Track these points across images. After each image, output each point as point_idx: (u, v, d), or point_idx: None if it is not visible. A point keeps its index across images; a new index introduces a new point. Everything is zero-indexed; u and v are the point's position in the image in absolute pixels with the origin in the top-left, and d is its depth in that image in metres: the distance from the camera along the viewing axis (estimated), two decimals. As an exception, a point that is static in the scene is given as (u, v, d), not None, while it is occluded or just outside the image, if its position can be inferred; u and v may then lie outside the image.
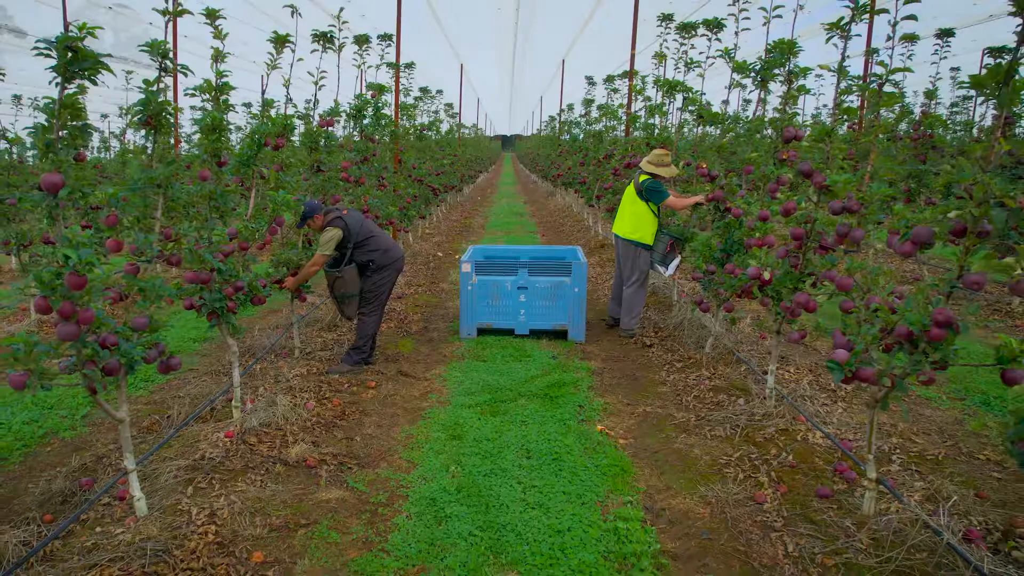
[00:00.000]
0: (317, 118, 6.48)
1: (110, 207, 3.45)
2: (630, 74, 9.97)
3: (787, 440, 3.99)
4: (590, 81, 15.21)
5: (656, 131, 8.05)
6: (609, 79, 12.39)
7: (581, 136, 16.03)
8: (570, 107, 20.05)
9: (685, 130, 7.38)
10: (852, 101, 3.88)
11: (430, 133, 14.46)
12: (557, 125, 22.81)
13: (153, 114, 3.48)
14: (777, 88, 5.10)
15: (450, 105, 18.37)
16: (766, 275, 4.13)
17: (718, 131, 6.12)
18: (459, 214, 18.63)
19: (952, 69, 14.68)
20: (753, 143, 5.04)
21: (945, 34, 9.17)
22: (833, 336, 3.14)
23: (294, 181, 5.29)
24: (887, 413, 4.46)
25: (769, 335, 5.54)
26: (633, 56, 9.89)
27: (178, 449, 4.16)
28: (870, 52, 8.55)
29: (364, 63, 7.42)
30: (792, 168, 4.51)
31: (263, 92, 4.90)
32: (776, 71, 4.55)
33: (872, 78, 3.27)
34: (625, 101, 11.40)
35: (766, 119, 5.38)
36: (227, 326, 4.48)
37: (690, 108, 7.09)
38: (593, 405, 4.74)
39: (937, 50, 9.36)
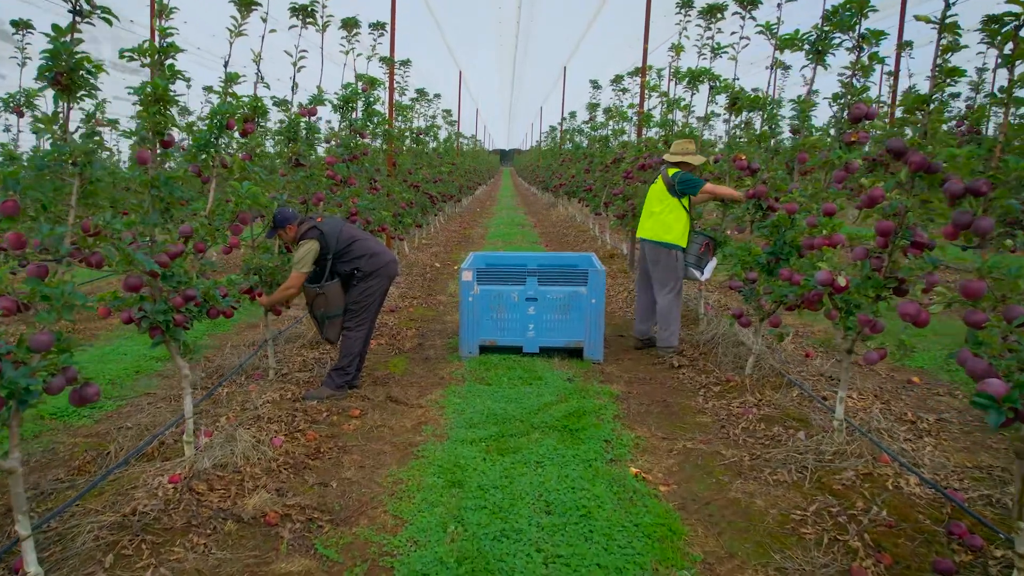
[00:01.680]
0: (297, 106, 5.70)
1: (7, 190, 2.64)
2: (643, 69, 9.23)
3: (874, 488, 3.16)
4: (595, 85, 14.49)
5: (676, 128, 7.30)
6: (617, 79, 11.66)
7: (585, 143, 15.31)
8: (572, 115, 19.35)
9: (713, 123, 6.61)
10: (955, 61, 3.12)
11: (427, 138, 13.72)
12: (559, 134, 22.13)
13: (65, 71, 2.68)
14: (833, 63, 4.35)
15: (448, 111, 17.64)
16: (841, 280, 3.32)
17: (756, 119, 5.36)
18: (458, 224, 17.86)
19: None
20: (807, 128, 4.27)
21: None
22: (961, 359, 2.33)
23: (264, 172, 4.49)
24: (990, 453, 3.64)
25: (837, 354, 4.75)
26: (646, 51, 9.16)
27: (109, 498, 3.32)
28: (902, 46, 7.81)
29: (352, 49, 6.66)
30: (861, 153, 3.73)
31: (226, 64, 4.12)
32: (841, 37, 3.79)
33: (1010, 17, 2.50)
34: (635, 101, 10.67)
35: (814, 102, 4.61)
36: (175, 344, 3.66)
37: (718, 98, 6.32)
38: (622, 440, 3.91)
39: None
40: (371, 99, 7.68)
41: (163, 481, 3.40)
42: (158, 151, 3.44)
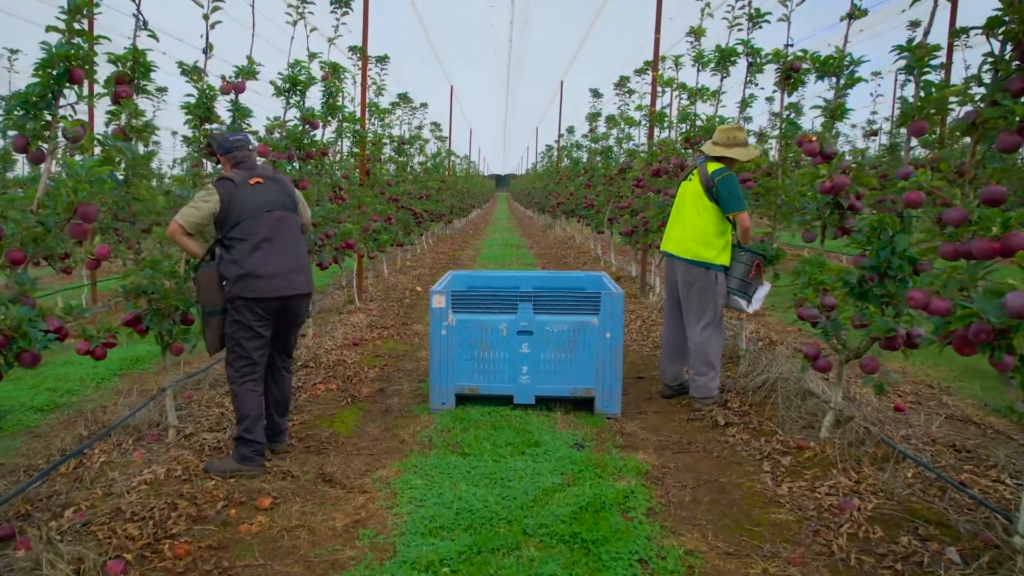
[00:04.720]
0: (221, 80, 4.36)
1: None
2: (654, 62, 7.97)
3: None
4: (595, 93, 13.29)
5: (700, 122, 5.99)
6: (622, 81, 10.42)
7: (585, 157, 14.08)
8: (570, 130, 18.15)
9: (751, 108, 5.31)
10: None
11: (412, 150, 12.41)
12: (556, 152, 20.94)
13: None
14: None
15: (437, 124, 16.41)
16: (1053, 309, 1.95)
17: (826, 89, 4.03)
18: (448, 246, 16.54)
19: None
20: (927, 87, 2.96)
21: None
22: None
23: (134, 151, 3.13)
24: None
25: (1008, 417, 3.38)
26: (657, 40, 7.92)
27: None
28: (955, 33, 6.56)
29: (302, 19, 5.35)
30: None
31: (68, -16, 2.77)
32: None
33: None
34: (643, 102, 9.42)
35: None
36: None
37: (758, 76, 5.03)
38: (666, 560, 2.48)
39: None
40: (333, 89, 6.39)
41: None
42: None
